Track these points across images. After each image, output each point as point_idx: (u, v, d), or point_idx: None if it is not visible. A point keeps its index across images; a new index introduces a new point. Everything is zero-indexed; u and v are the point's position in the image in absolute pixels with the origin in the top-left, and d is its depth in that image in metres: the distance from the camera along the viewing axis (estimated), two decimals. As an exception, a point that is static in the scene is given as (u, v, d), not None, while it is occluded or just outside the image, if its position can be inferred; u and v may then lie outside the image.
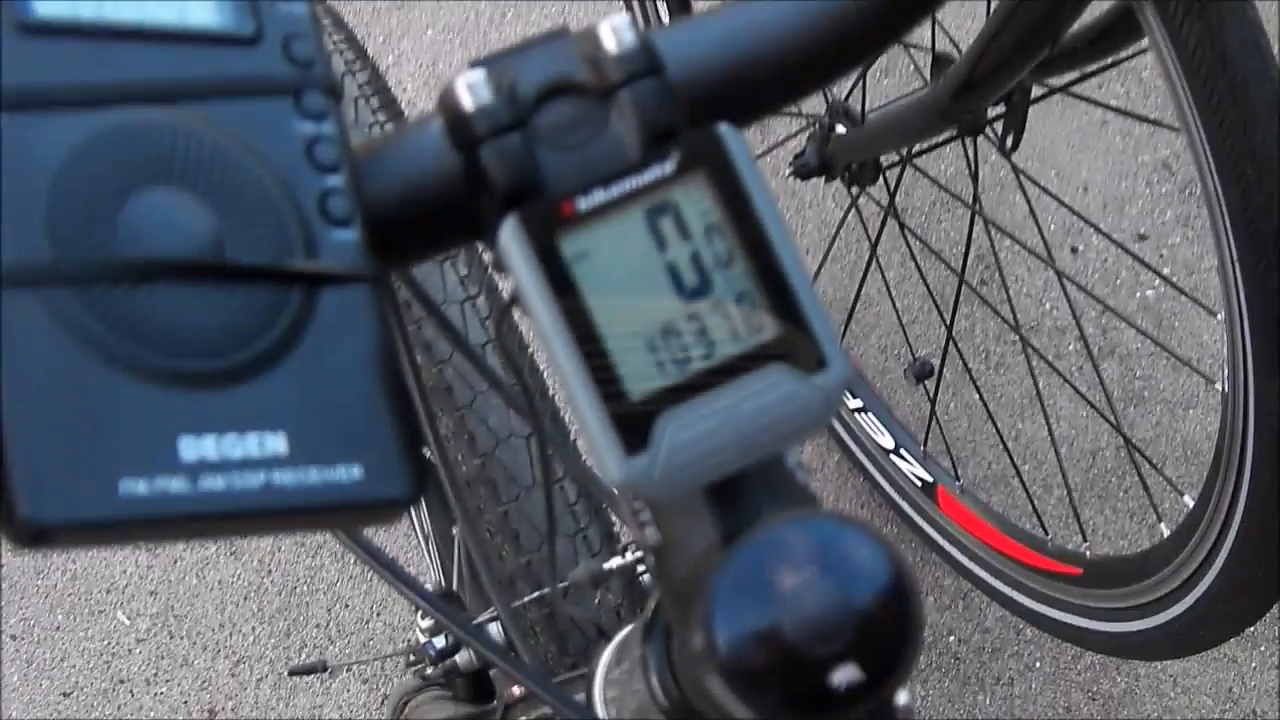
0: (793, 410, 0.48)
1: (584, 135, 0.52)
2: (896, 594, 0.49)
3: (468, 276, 1.28)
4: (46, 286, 0.45)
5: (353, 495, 0.48)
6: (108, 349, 0.45)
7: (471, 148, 0.51)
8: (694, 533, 0.53)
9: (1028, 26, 1.27)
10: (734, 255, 0.49)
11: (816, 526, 0.49)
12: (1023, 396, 2.20)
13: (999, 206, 2.24)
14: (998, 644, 2.08)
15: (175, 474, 0.45)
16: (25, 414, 0.43)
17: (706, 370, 0.48)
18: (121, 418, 0.45)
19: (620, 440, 0.47)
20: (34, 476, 0.43)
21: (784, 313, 0.49)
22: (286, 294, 0.49)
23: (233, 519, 0.46)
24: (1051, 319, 2.24)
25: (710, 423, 0.48)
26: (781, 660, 0.48)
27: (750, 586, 0.48)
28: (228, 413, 0.47)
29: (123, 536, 0.45)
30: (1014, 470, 2.07)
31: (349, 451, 0.48)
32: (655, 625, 0.59)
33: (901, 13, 0.59)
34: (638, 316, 0.48)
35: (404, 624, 2.09)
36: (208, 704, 2.07)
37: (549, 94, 0.52)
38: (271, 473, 0.46)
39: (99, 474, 0.44)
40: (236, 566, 2.14)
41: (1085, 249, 2.27)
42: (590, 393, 0.47)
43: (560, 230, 0.48)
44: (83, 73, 0.48)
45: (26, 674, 2.10)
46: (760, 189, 0.49)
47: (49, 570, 2.15)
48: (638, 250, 0.49)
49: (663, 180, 0.49)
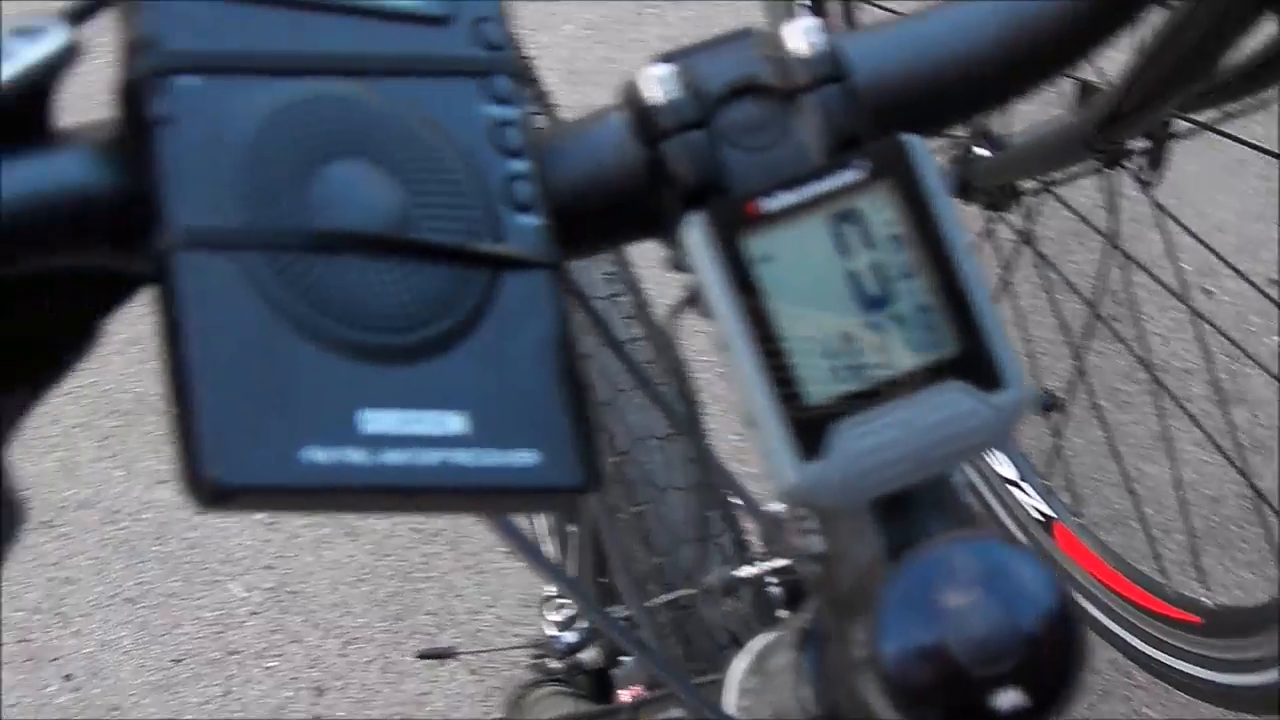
0: (969, 428, 0.48)
1: (768, 137, 0.51)
2: (1064, 621, 0.49)
3: (612, 274, 1.28)
4: (239, 250, 0.45)
5: (529, 480, 0.48)
6: (296, 317, 0.46)
7: (655, 142, 0.52)
8: (858, 544, 0.53)
9: (1180, 60, 1.25)
10: (917, 267, 0.48)
11: (987, 548, 0.49)
12: (1146, 437, 2.17)
13: (1131, 242, 2.21)
14: (1107, 686, 2.06)
15: (356, 445, 0.45)
16: (213, 375, 0.44)
17: (883, 381, 0.48)
18: (306, 386, 0.45)
19: (796, 445, 0.47)
20: (219, 438, 0.44)
21: (964, 329, 0.48)
22: (471, 276, 0.49)
23: (408, 494, 0.46)
24: (1179, 360, 2.22)
25: (887, 435, 0.48)
26: (945, 678, 0.48)
27: (919, 602, 0.48)
28: (409, 389, 0.47)
29: (299, 504, 0.46)
30: (1134, 511, 2.05)
31: (527, 437, 0.48)
32: (811, 634, 0.60)
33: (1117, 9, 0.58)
34: (817, 322, 0.48)
35: (515, 617, 2.10)
36: (316, 681, 2.09)
37: (735, 93, 0.52)
38: (450, 451, 0.47)
39: (282, 440, 0.44)
40: (353, 547, 2.16)
41: (1219, 291, 2.25)
42: (768, 396, 0.47)
43: (744, 231, 0.48)
44: (279, 41, 0.48)
45: (140, 637, 2.13)
46: (946, 203, 0.49)
47: (168, 537, 2.18)
48: (820, 256, 0.48)
49: (850, 187, 0.49)
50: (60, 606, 2.15)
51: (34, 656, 2.11)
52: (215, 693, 2.09)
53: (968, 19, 0.56)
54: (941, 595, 0.48)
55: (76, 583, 2.16)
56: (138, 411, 2.24)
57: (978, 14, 0.56)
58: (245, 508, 0.45)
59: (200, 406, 0.44)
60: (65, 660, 2.12)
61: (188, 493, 0.44)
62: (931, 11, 0.57)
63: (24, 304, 0.47)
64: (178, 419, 0.44)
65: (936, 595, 0.48)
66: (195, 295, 0.44)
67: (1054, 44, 0.57)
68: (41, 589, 2.15)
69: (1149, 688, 2.04)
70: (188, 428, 0.44)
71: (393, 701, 2.07)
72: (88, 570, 2.17)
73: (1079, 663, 0.49)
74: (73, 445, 2.23)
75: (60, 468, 2.22)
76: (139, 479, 2.21)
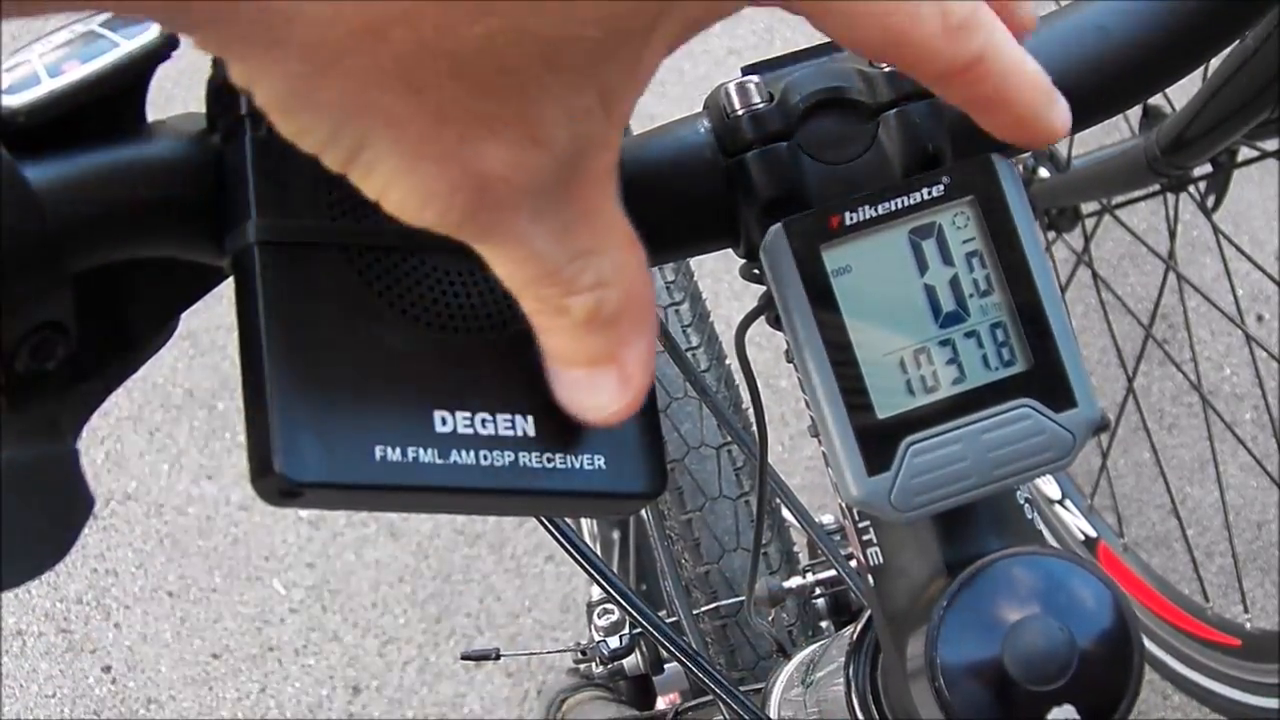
0: (1037, 446, 0.48)
1: (851, 150, 0.51)
2: (1120, 640, 0.49)
3: (673, 283, 1.29)
4: (319, 248, 0.46)
5: (596, 485, 0.48)
6: (372, 315, 0.46)
7: (738, 153, 0.52)
8: (917, 558, 0.53)
9: (1249, 88, 1.25)
10: (994, 285, 0.49)
11: (1047, 564, 0.49)
12: (1193, 460, 2.16)
13: (1186, 267, 2.21)
14: (1143, 707, 2.04)
15: (428, 445, 0.45)
16: (288, 371, 0.44)
17: (955, 397, 0.48)
18: (380, 385, 0.46)
19: (864, 458, 0.47)
20: (292, 434, 0.44)
21: (1038, 347, 0.48)
22: None
23: (477, 494, 0.47)
24: (1230, 385, 2.20)
25: (953, 450, 0.48)
26: (1000, 692, 0.48)
27: (977, 616, 0.49)
28: (481, 390, 0.47)
29: (368, 502, 0.46)
30: (1179, 533, 2.04)
31: (594, 442, 0.48)
32: (863, 644, 0.60)
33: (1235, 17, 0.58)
34: (892, 336, 0.48)
35: (554, 622, 2.10)
36: (352, 680, 2.10)
37: (819, 106, 0.52)
38: (519, 453, 0.47)
39: (355, 438, 0.45)
40: (394, 548, 2.17)
41: (1270, 317, 2.24)
42: (839, 408, 0.47)
43: (824, 243, 0.48)
44: None
45: (180, 631, 2.14)
46: (1028, 222, 0.49)
47: (212, 532, 2.19)
48: (898, 270, 0.49)
49: (930, 202, 0.49)
50: (102, 599, 2.16)
51: (74, 648, 2.13)
52: (252, 689, 2.10)
53: (1056, 36, 0.56)
54: (999, 610, 0.49)
55: (118, 575, 2.18)
56: (187, 406, 2.25)
57: (1066, 31, 0.56)
58: (314, 504, 0.45)
59: (274, 402, 0.44)
60: (104, 652, 2.13)
61: (258, 487, 0.44)
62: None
63: (105, 293, 0.48)
64: (251, 414, 0.44)
65: (994, 610, 0.49)
66: (274, 291, 0.45)
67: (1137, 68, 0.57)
68: (84, 580, 2.17)
69: (1185, 709, 2.03)
70: (261, 423, 0.44)
71: (428, 702, 2.08)
72: (130, 563, 2.18)
73: (1133, 683, 0.49)
74: (121, 437, 2.24)
75: (108, 459, 2.23)
76: (185, 473, 2.23)
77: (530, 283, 0.44)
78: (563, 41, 0.38)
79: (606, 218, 0.44)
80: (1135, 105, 0.59)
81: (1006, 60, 0.44)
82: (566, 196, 0.42)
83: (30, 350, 0.44)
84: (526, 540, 2.15)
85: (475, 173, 0.40)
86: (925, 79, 0.44)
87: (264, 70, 0.38)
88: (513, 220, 0.41)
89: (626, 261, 0.44)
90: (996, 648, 0.48)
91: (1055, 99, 0.46)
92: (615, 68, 0.40)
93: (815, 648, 0.73)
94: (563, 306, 0.44)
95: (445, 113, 0.39)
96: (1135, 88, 0.58)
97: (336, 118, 0.39)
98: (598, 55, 0.39)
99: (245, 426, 0.45)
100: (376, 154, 0.40)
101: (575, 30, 0.38)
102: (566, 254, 0.43)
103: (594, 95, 0.40)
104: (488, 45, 0.37)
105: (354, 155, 0.40)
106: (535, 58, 0.38)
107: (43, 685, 2.11)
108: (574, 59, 0.39)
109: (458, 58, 0.37)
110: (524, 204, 0.41)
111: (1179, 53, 0.58)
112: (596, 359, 0.45)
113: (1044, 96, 0.46)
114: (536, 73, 0.38)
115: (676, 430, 1.25)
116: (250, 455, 0.44)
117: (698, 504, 1.25)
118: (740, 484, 1.28)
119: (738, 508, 1.27)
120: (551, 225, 0.42)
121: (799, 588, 1.08)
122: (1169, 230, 1.71)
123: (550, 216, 0.42)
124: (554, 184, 0.42)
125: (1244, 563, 2.09)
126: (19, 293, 0.43)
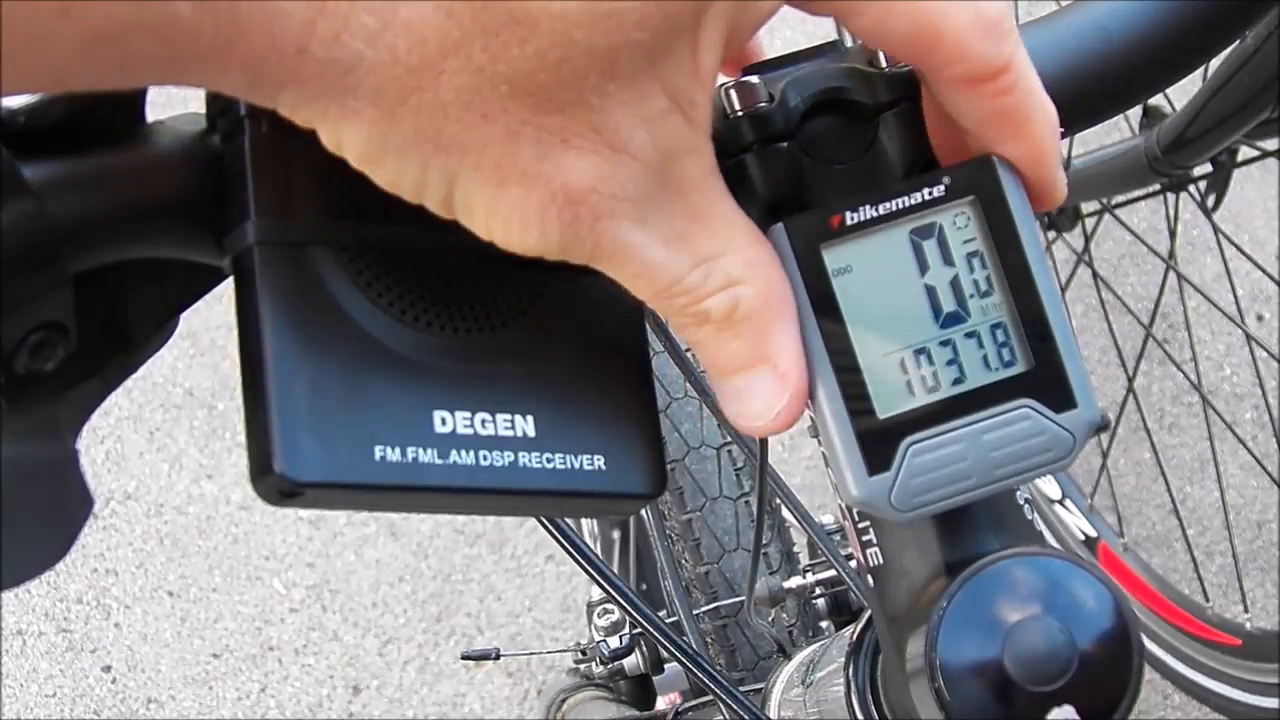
0: (1037, 447, 0.48)
1: (851, 150, 0.51)
2: (1120, 640, 0.49)
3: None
4: (318, 249, 0.46)
5: (596, 485, 0.48)
6: (372, 316, 0.46)
7: (738, 153, 0.51)
8: (917, 558, 0.53)
9: (1249, 87, 1.25)
10: (994, 285, 0.48)
11: (1047, 565, 0.49)
12: (1193, 460, 2.16)
13: (1186, 267, 2.21)
14: (1143, 706, 2.05)
15: (428, 445, 0.46)
16: (289, 371, 0.44)
17: (955, 397, 0.48)
18: (380, 385, 0.46)
19: (864, 458, 0.47)
20: (292, 433, 0.44)
21: (1038, 348, 0.48)
22: (545, 279, 0.49)
23: (477, 494, 0.47)
24: (1230, 384, 2.20)
25: (953, 451, 0.48)
26: (1000, 693, 0.48)
27: (976, 617, 0.48)
28: (481, 390, 0.47)
29: (368, 502, 0.46)
30: (1179, 533, 2.04)
31: (594, 442, 0.48)
32: (863, 645, 0.60)
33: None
34: (892, 336, 0.48)
35: (554, 621, 2.10)
36: (352, 680, 2.10)
37: (819, 107, 0.51)
38: (519, 453, 0.47)
39: (355, 438, 0.45)
40: (395, 547, 2.17)
41: (1270, 316, 2.24)
42: (840, 407, 0.47)
43: (824, 242, 0.48)
44: None
45: (180, 631, 2.14)
46: (1029, 222, 0.48)
47: (212, 532, 2.19)
48: (899, 270, 0.48)
49: (931, 202, 0.48)
50: (102, 598, 2.16)
51: (74, 647, 2.13)
52: (252, 688, 2.10)
53: (1057, 37, 0.56)
54: (1000, 610, 0.49)
55: (118, 575, 2.18)
56: (187, 406, 2.25)
57: (1066, 32, 0.56)
58: (315, 504, 0.45)
59: (274, 401, 0.44)
60: (104, 651, 2.13)
61: (258, 487, 0.44)
62: (1028, 25, 0.57)
63: (105, 293, 0.48)
64: (251, 414, 0.44)
65: (995, 610, 0.49)
66: (274, 292, 0.45)
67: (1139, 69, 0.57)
68: (84, 580, 2.17)
69: (1185, 709, 2.03)
70: (261, 422, 0.44)
71: (428, 702, 2.08)
72: (130, 563, 2.18)
73: (1134, 683, 0.49)
74: (121, 437, 2.24)
75: (108, 459, 2.23)
76: (185, 473, 2.23)
77: (659, 295, 0.44)
78: (612, 49, 0.39)
79: (723, 219, 0.44)
80: (1137, 105, 0.59)
81: (1032, 79, 0.45)
82: (670, 203, 0.43)
83: (30, 350, 0.44)
84: (526, 540, 2.15)
85: (563, 188, 0.40)
86: (953, 84, 0.44)
87: (344, 124, 0.40)
88: (617, 232, 0.42)
89: (754, 259, 0.45)
90: (997, 648, 0.48)
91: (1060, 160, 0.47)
92: (674, 68, 0.40)
93: (815, 648, 0.73)
94: (700, 314, 0.45)
95: (517, 134, 0.40)
96: (1137, 88, 0.58)
97: (419, 158, 0.40)
98: (652, 58, 0.40)
99: (245, 427, 0.45)
100: (467, 190, 0.41)
101: (622, 36, 0.39)
102: (688, 261, 0.44)
103: (663, 98, 0.41)
104: (540, 64, 0.38)
105: (449, 195, 0.41)
106: (591, 69, 0.39)
107: (43, 685, 2.11)
108: (630, 65, 0.39)
109: (514, 80, 0.39)
110: (624, 214, 0.42)
111: (1180, 53, 0.58)
112: (747, 362, 0.46)
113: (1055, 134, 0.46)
114: (596, 82, 0.39)
115: (677, 430, 1.26)
116: (250, 455, 0.44)
117: (698, 504, 1.26)
118: (740, 484, 1.28)
119: (738, 508, 1.27)
120: (664, 233, 0.43)
121: (799, 588, 1.07)
122: (1169, 230, 1.71)
123: (659, 225, 0.43)
124: (652, 191, 0.42)
125: (1244, 562, 2.09)
126: (19, 293, 0.43)
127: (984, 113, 0.46)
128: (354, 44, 0.38)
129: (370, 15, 0.38)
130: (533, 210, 0.41)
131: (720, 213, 0.44)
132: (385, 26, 0.38)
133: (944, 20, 0.42)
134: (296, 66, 0.38)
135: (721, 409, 0.47)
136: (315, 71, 0.38)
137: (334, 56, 0.38)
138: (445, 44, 0.38)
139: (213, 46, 0.38)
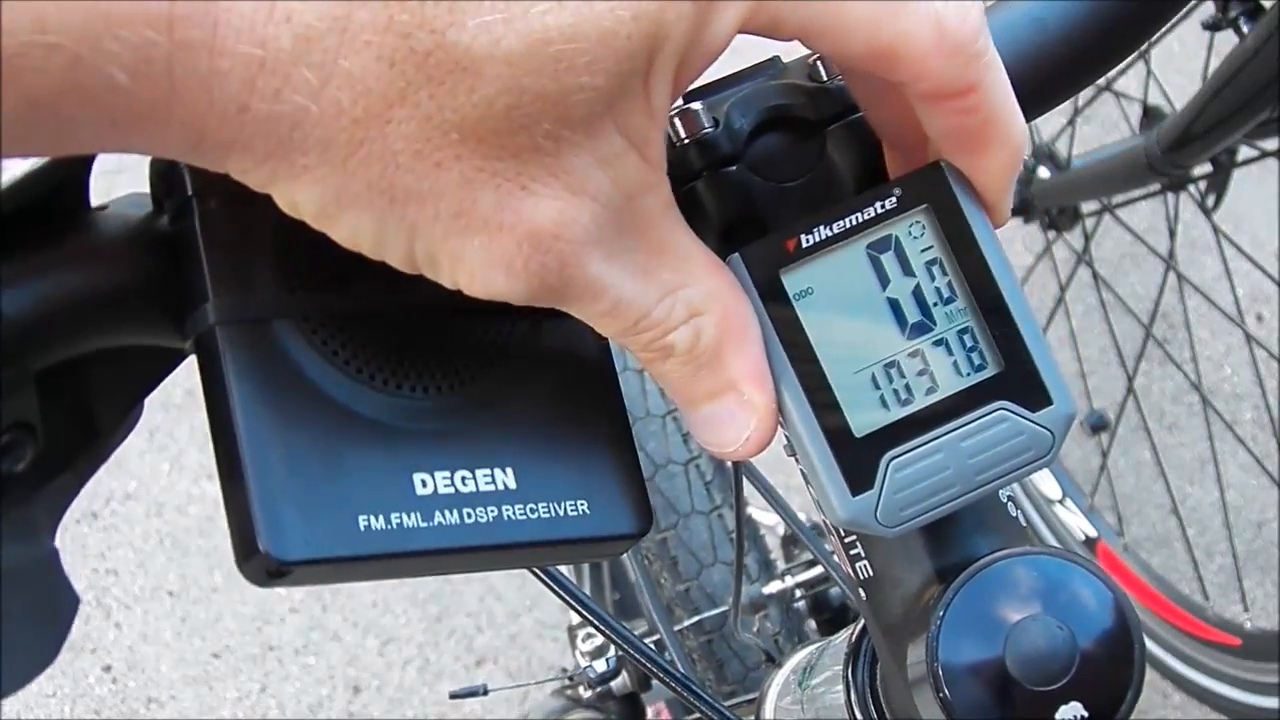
0: (1017, 447, 0.48)
1: (800, 167, 0.50)
2: (1121, 637, 0.49)
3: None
4: (279, 323, 0.45)
5: (582, 530, 0.48)
6: (340, 384, 0.46)
7: (688, 181, 0.50)
8: (907, 567, 0.53)
9: (1249, 87, 1.25)
10: (956, 291, 0.48)
11: (1044, 564, 0.49)
12: (1193, 460, 2.16)
13: (1186, 267, 2.21)
14: (1143, 706, 2.03)
15: (411, 509, 0.45)
16: (263, 449, 0.44)
17: (930, 407, 0.48)
18: (357, 454, 0.45)
19: (845, 479, 0.47)
20: (274, 512, 0.43)
21: (1008, 349, 0.48)
22: (510, 327, 0.49)
23: (466, 553, 0.46)
24: (1230, 384, 2.21)
25: (934, 461, 0.47)
26: (1004, 695, 0.48)
27: (975, 620, 0.48)
28: (457, 448, 0.47)
29: (357, 574, 0.45)
30: (1179, 533, 2.04)
31: (576, 487, 0.48)
32: (860, 650, 0.59)
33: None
34: (861, 353, 0.47)
35: (554, 621, 2.10)
36: (352, 680, 2.10)
37: (765, 126, 0.50)
38: (502, 507, 0.46)
39: (338, 510, 0.44)
40: (394, 547, 2.16)
41: (1270, 316, 2.24)
42: (816, 431, 0.47)
43: (783, 267, 0.47)
44: None
45: (180, 630, 2.14)
46: (983, 224, 0.48)
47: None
48: (860, 286, 0.48)
49: (884, 215, 0.48)
50: (102, 598, 2.16)
51: (74, 647, 2.13)
52: (252, 688, 2.10)
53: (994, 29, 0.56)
54: (999, 611, 0.49)
55: (119, 575, 2.18)
56: (187, 406, 2.25)
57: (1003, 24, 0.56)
58: (304, 581, 0.44)
59: (252, 481, 0.43)
60: (105, 651, 2.13)
61: (245, 570, 0.44)
62: None
63: (67, 386, 0.47)
64: (230, 496, 0.44)
65: (994, 611, 0.49)
66: (241, 371, 0.44)
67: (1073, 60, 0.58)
68: (84, 580, 2.17)
69: (1185, 709, 2.03)
70: (241, 504, 0.43)
71: (428, 702, 2.08)
72: (130, 563, 2.18)
73: (1138, 675, 0.49)
74: (120, 437, 2.24)
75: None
76: (185, 473, 2.23)
77: (628, 331, 0.44)
78: (564, 94, 0.38)
79: (682, 250, 0.44)
80: (1070, 98, 0.59)
81: (1002, 101, 0.45)
82: (631, 240, 0.43)
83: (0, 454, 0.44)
84: (527, 540, 2.14)
85: (527, 234, 0.40)
86: (916, 97, 0.44)
87: (295, 183, 0.39)
88: (584, 273, 0.42)
89: (713, 289, 0.45)
90: (998, 650, 0.48)
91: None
92: (627, 108, 0.40)
93: (808, 651, 0.72)
94: (665, 346, 0.44)
95: (472, 180, 0.39)
96: (1071, 80, 0.59)
97: (375, 212, 0.40)
98: (606, 100, 0.39)
99: (225, 511, 0.44)
100: (429, 241, 0.40)
101: (573, 80, 0.38)
102: (654, 295, 0.44)
103: (619, 139, 0.40)
104: (489, 110, 0.38)
105: (410, 248, 0.41)
106: (543, 114, 0.38)
107: (43, 684, 2.11)
108: (583, 108, 0.39)
109: (464, 127, 0.38)
110: (590, 255, 0.41)
111: (1113, 43, 0.58)
112: (713, 391, 0.46)
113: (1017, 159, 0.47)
114: (549, 127, 0.39)
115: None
116: (233, 539, 0.44)
117: (670, 522, 1.26)
118: (711, 498, 1.28)
119: (711, 522, 1.27)
120: (629, 270, 0.43)
121: (780, 592, 1.07)
122: (1169, 230, 1.71)
123: (623, 262, 0.43)
124: (614, 230, 0.42)
125: (1244, 562, 2.09)
126: None
127: (945, 127, 0.45)
128: (296, 99, 0.37)
129: (310, 70, 0.37)
130: (498, 258, 0.40)
131: (678, 244, 0.44)
132: (327, 80, 0.37)
133: (903, 42, 0.42)
134: (240, 125, 0.38)
135: (695, 438, 0.47)
136: (260, 129, 0.38)
137: (277, 112, 0.37)
138: (390, 94, 0.37)
139: (150, 110, 0.37)
